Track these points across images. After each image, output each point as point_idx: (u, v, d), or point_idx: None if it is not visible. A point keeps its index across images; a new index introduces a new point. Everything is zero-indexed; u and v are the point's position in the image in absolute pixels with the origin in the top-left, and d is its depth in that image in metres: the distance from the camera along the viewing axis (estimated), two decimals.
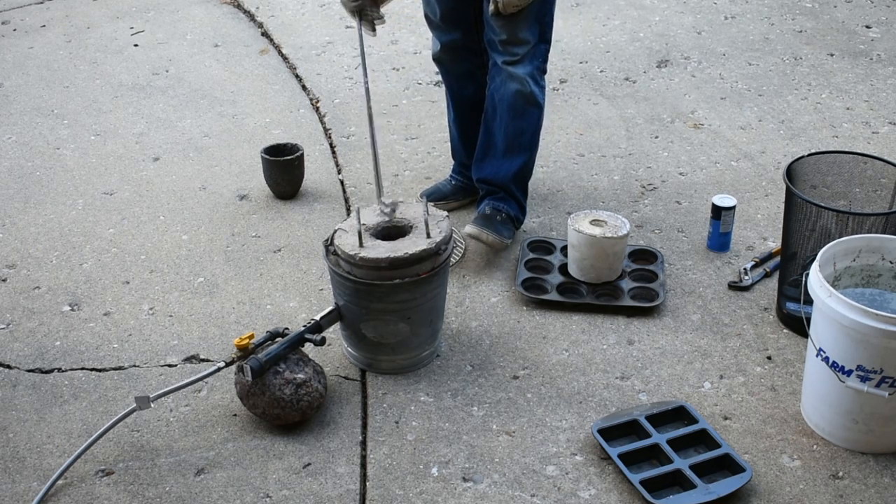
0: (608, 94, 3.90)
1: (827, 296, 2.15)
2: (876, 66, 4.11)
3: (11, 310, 2.75)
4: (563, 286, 2.78)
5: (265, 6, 4.78)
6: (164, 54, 4.31)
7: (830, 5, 4.70)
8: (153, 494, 2.16)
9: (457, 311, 2.71)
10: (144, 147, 3.59)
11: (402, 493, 2.16)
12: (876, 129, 3.64)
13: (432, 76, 4.04)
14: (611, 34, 4.37)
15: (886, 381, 2.13)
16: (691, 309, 2.72)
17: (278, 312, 2.72)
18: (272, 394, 2.26)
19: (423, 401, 2.41)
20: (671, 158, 3.45)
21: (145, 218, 3.16)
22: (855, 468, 2.21)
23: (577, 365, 2.52)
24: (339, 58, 4.24)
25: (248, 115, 3.80)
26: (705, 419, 2.31)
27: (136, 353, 2.58)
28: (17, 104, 3.90)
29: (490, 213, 2.89)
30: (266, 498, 2.15)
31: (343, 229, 2.44)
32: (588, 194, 3.23)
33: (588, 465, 2.22)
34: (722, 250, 2.94)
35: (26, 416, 2.38)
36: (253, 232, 3.08)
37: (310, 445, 2.29)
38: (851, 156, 2.65)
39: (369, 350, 2.48)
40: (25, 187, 3.34)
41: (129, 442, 2.30)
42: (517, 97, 2.76)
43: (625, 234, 2.74)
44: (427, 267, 2.38)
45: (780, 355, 2.55)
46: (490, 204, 2.92)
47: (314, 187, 3.31)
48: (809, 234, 2.49)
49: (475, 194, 3.07)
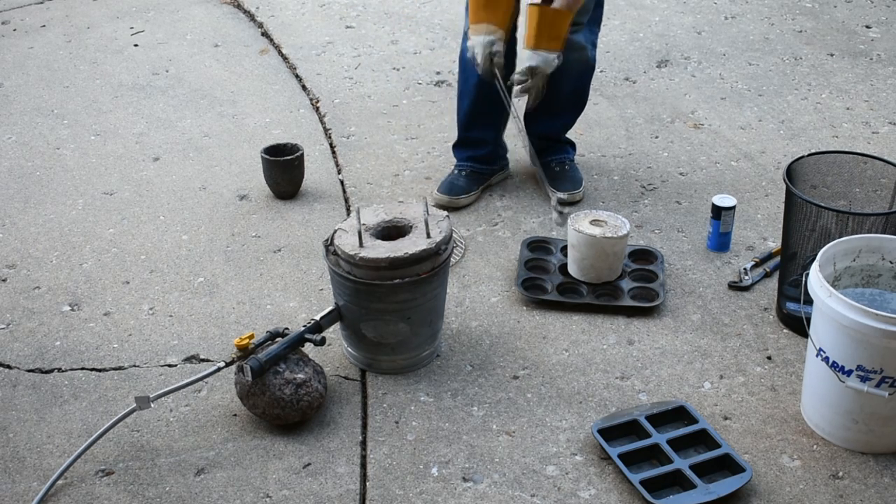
0: (608, 94, 3.90)
1: (827, 296, 2.15)
2: (876, 66, 4.11)
3: (11, 310, 2.75)
4: (563, 286, 2.78)
5: (265, 6, 4.78)
6: (164, 54, 4.31)
7: (830, 5, 4.70)
8: (153, 494, 2.16)
9: (457, 311, 2.71)
10: (144, 147, 3.59)
11: (402, 493, 2.16)
12: (876, 129, 3.64)
13: (432, 76, 4.04)
14: (611, 34, 4.36)
15: (886, 381, 2.13)
16: (691, 309, 2.72)
17: (278, 312, 2.72)
18: (272, 394, 2.26)
19: (423, 401, 2.42)
20: (671, 158, 3.45)
21: (145, 218, 3.16)
22: (855, 468, 2.21)
23: (577, 365, 2.52)
24: (339, 58, 4.24)
25: (248, 115, 3.80)
26: (705, 419, 2.31)
27: (136, 353, 2.58)
28: (17, 104, 3.90)
29: (560, 169, 3.22)
30: (266, 498, 2.15)
31: (343, 229, 2.44)
32: (588, 194, 3.23)
33: (588, 465, 2.22)
34: (722, 250, 2.94)
35: (26, 416, 2.38)
36: (253, 232, 3.08)
37: (310, 445, 2.29)
38: (851, 156, 2.65)
39: (369, 350, 2.48)
40: (25, 187, 3.34)
41: (129, 442, 2.30)
42: (578, 62, 3.04)
43: (624, 234, 2.74)
44: (427, 267, 2.38)
45: (780, 355, 2.55)
46: (555, 159, 3.25)
47: (314, 187, 3.31)
48: (809, 234, 2.49)
49: (488, 179, 3.24)
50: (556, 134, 3.27)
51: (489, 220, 3.11)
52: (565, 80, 3.06)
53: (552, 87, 3.08)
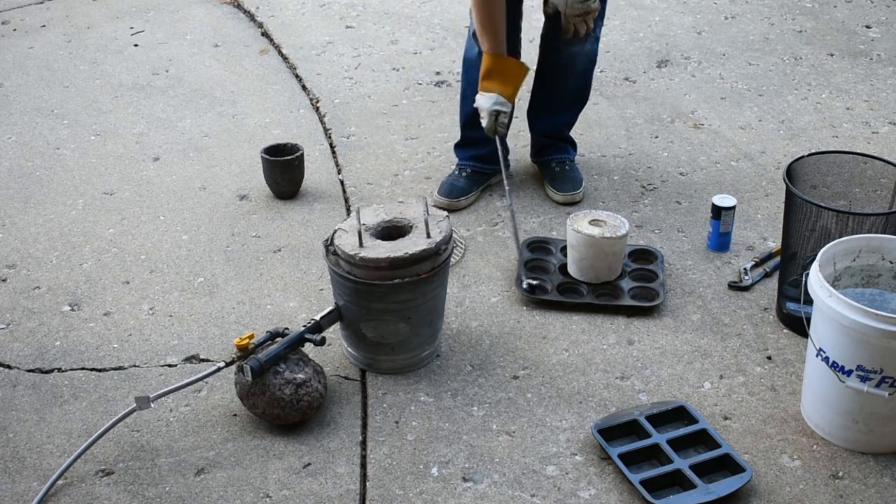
0: (608, 94, 3.90)
1: (827, 296, 2.15)
2: (876, 66, 4.11)
3: (11, 310, 2.75)
4: (563, 286, 2.78)
5: (265, 6, 4.78)
6: (164, 54, 4.31)
7: (830, 5, 4.70)
8: (153, 494, 2.16)
9: (457, 311, 2.71)
10: (144, 147, 3.59)
11: (402, 493, 2.16)
12: (876, 129, 3.64)
13: (432, 76, 4.04)
14: (610, 34, 4.36)
15: (886, 381, 2.13)
16: (691, 309, 2.72)
17: (278, 312, 2.72)
18: (272, 394, 2.26)
19: (423, 401, 2.42)
20: (671, 158, 3.45)
21: (145, 218, 3.16)
22: (855, 468, 2.21)
23: (577, 365, 2.52)
24: (339, 58, 4.24)
25: (248, 115, 3.80)
26: (705, 419, 2.31)
27: (136, 353, 2.58)
28: (17, 104, 3.90)
29: (560, 169, 3.23)
30: (266, 498, 2.15)
31: (343, 229, 2.44)
32: (588, 194, 3.23)
33: (588, 465, 2.22)
34: (722, 250, 2.94)
35: (26, 416, 2.38)
36: (253, 232, 3.08)
37: (310, 445, 2.29)
38: (851, 156, 2.65)
39: (369, 350, 2.48)
40: (25, 187, 3.34)
41: (129, 442, 2.30)
42: (583, 55, 3.05)
43: (623, 234, 2.73)
44: (427, 267, 2.38)
45: (780, 355, 2.55)
46: (555, 158, 3.25)
47: (314, 187, 3.31)
48: (809, 234, 2.49)
49: (489, 179, 3.24)
50: (558, 131, 3.28)
51: (489, 220, 3.11)
52: (570, 75, 3.11)
53: (556, 82, 3.12)
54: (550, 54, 3.09)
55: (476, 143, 3.18)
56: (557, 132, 3.28)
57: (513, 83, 2.84)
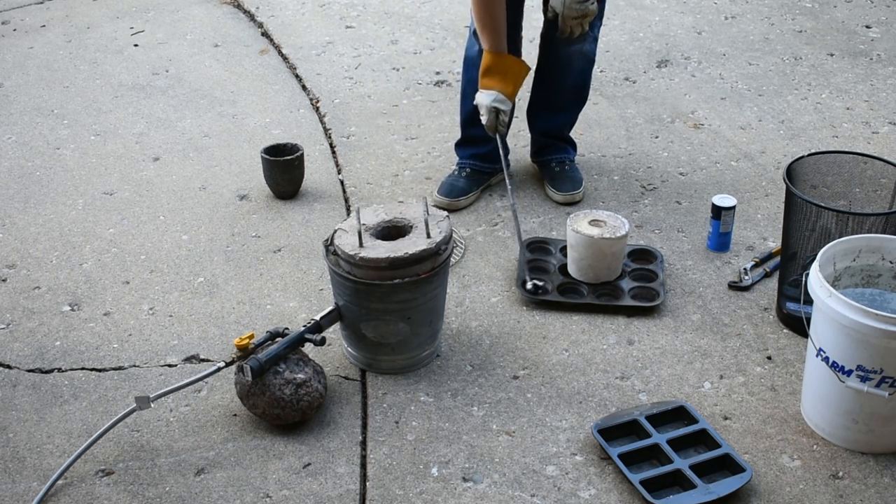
0: (608, 94, 3.90)
1: (827, 296, 2.15)
2: (876, 66, 4.11)
3: (11, 310, 2.75)
4: (563, 286, 2.77)
5: (265, 6, 4.78)
6: (164, 54, 4.31)
7: (830, 5, 4.70)
8: (153, 494, 2.16)
9: (457, 311, 2.71)
10: (144, 147, 3.59)
11: (402, 493, 2.16)
12: (876, 129, 3.64)
13: (432, 76, 4.04)
14: (610, 34, 4.36)
15: (886, 381, 2.13)
16: (691, 309, 2.72)
17: (278, 312, 2.72)
18: (272, 394, 2.26)
19: (423, 401, 2.42)
20: (671, 158, 3.45)
21: (145, 218, 3.16)
22: (855, 468, 2.21)
23: (577, 365, 2.52)
24: (339, 58, 4.24)
25: (248, 115, 3.80)
26: (705, 419, 2.31)
27: (136, 353, 2.58)
28: (17, 104, 3.90)
29: (559, 169, 3.23)
30: (266, 498, 2.15)
31: (343, 229, 2.44)
32: (588, 194, 3.23)
33: (588, 465, 2.22)
34: (722, 250, 2.94)
35: (26, 416, 2.38)
36: (253, 232, 3.08)
37: (310, 445, 2.29)
38: (851, 156, 2.65)
39: (369, 350, 2.48)
40: (25, 187, 3.34)
41: (129, 442, 2.30)
42: (581, 55, 3.06)
43: (622, 234, 2.73)
44: (427, 267, 2.38)
45: (780, 355, 2.55)
46: (555, 158, 3.25)
47: (314, 187, 3.31)
48: (809, 234, 2.49)
49: (489, 178, 3.24)
50: (558, 130, 3.28)
51: (489, 220, 3.11)
52: (569, 75, 3.11)
53: (555, 82, 3.12)
54: (549, 53, 3.09)
55: (476, 141, 3.18)
56: (557, 132, 3.28)
57: (513, 81, 2.84)
